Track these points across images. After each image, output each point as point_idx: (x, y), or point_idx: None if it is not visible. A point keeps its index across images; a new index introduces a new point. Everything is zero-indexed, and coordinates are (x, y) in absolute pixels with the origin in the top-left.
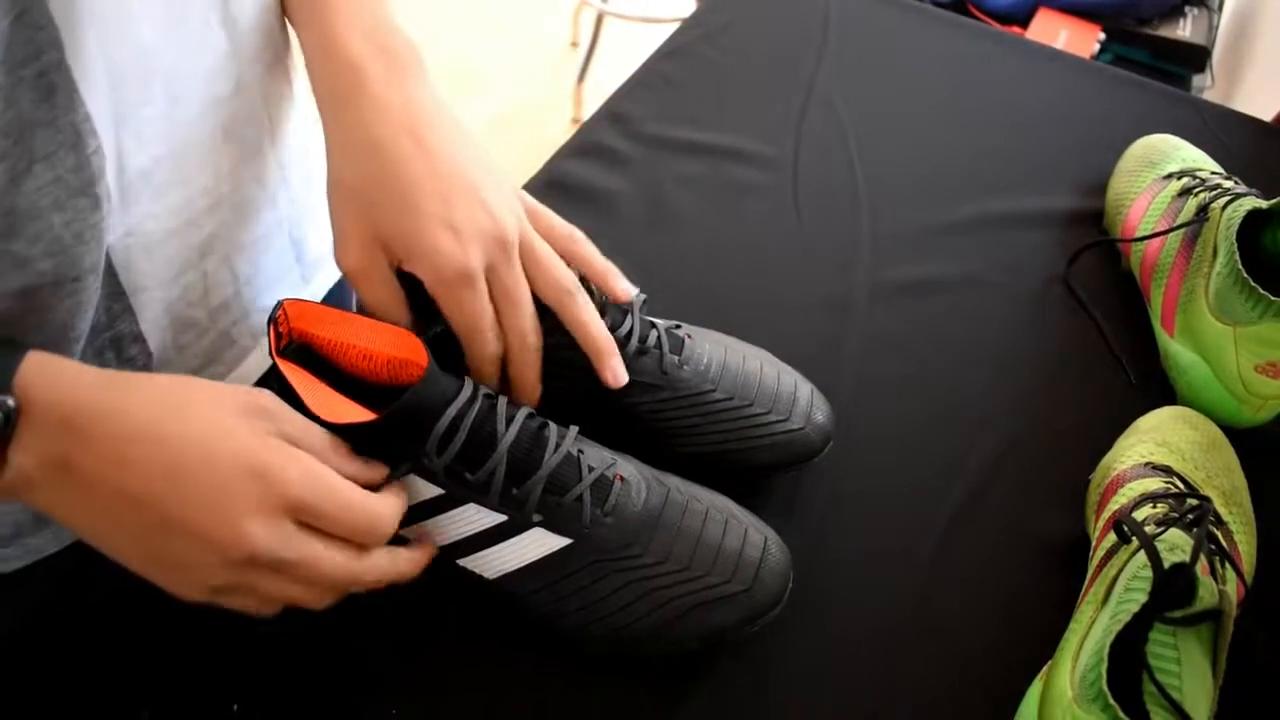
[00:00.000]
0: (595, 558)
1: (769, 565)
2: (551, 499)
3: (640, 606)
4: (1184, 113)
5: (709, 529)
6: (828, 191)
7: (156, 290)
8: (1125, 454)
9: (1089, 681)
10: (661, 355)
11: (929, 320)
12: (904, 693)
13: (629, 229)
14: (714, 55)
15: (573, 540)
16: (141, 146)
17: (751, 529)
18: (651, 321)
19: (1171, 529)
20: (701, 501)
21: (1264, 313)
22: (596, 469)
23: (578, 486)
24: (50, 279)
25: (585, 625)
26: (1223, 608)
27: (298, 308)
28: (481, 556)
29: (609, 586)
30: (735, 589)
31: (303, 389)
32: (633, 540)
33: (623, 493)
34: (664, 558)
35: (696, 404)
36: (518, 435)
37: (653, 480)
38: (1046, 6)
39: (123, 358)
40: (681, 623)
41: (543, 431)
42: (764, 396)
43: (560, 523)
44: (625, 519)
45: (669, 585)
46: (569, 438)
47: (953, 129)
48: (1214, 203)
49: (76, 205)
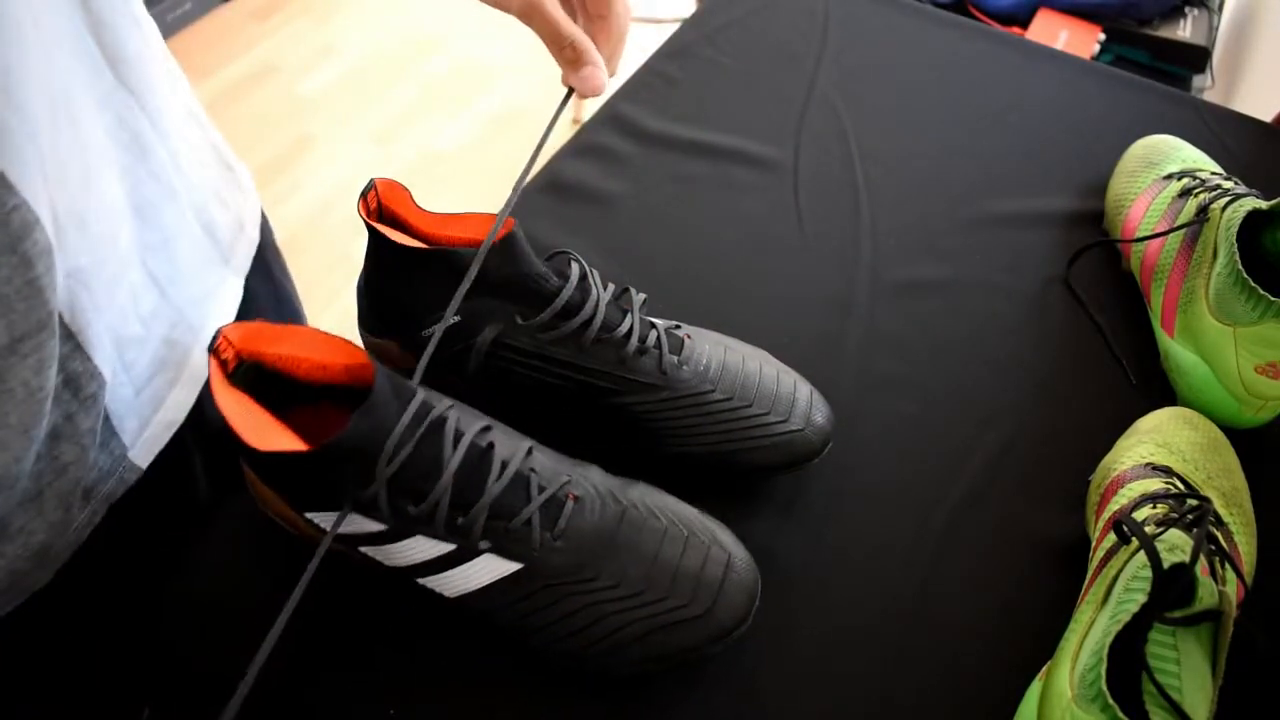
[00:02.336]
0: (547, 582)
1: (732, 583)
2: (498, 524)
3: (597, 630)
4: (1184, 113)
5: (666, 549)
6: (828, 191)
7: (98, 321)
8: (1125, 454)
9: (1088, 681)
10: (661, 355)
11: (929, 320)
12: (903, 692)
13: (629, 229)
14: (714, 55)
15: (523, 564)
16: (65, 185)
17: (715, 546)
18: (651, 321)
19: (1171, 529)
20: (661, 519)
21: (1264, 313)
22: (548, 489)
23: (526, 509)
24: (3, 341)
25: (548, 645)
26: (1222, 608)
27: (238, 331)
28: (439, 579)
29: (564, 609)
30: (694, 612)
31: (238, 419)
32: (585, 563)
33: (575, 513)
34: (617, 581)
35: (696, 404)
36: (463, 461)
37: (609, 497)
38: (1046, 7)
39: (80, 396)
40: (641, 645)
41: (489, 453)
42: (763, 397)
43: (509, 547)
44: (577, 541)
45: (624, 610)
46: (518, 456)
47: (953, 129)
48: (1214, 203)
49: (9, 263)
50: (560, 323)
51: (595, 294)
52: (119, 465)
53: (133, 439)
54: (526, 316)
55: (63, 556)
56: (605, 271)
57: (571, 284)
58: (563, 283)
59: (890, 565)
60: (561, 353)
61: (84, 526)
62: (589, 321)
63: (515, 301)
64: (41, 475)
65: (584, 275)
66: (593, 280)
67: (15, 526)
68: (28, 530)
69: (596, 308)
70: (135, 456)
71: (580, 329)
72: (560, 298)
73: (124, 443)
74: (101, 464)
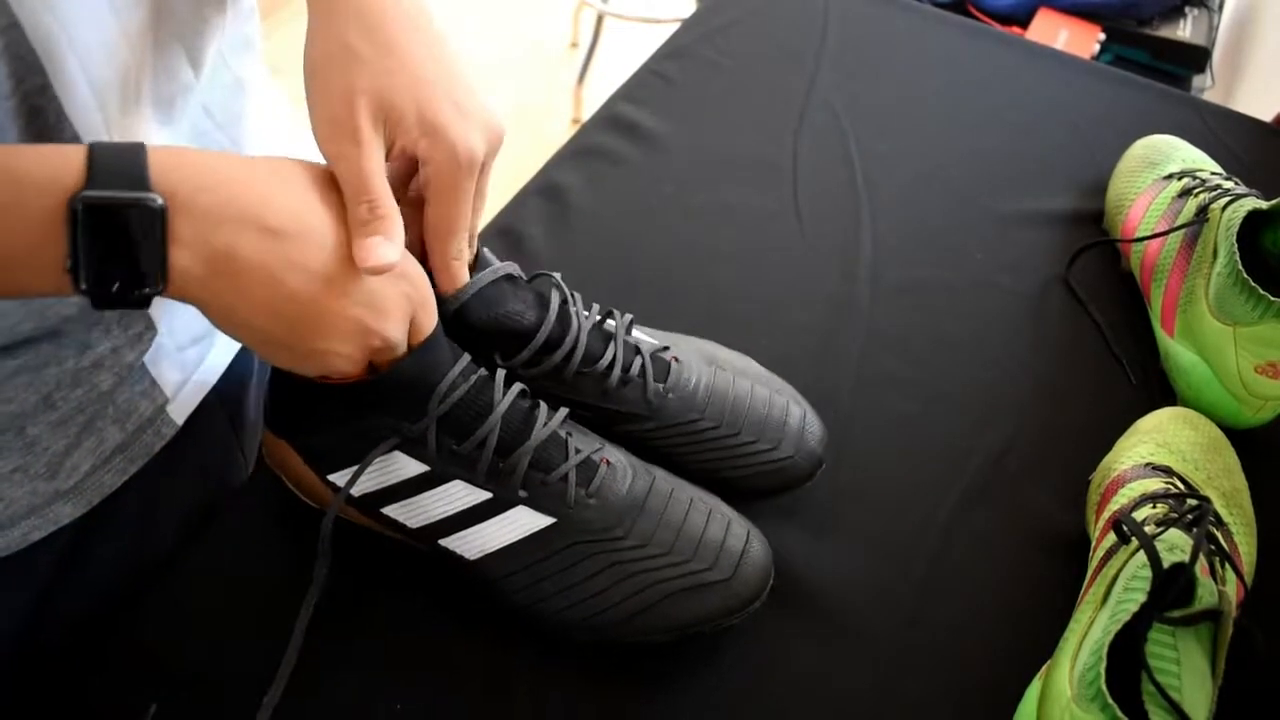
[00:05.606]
0: (577, 538)
1: (750, 558)
2: (536, 475)
3: (616, 593)
4: (1184, 113)
5: (692, 517)
6: (828, 192)
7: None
8: (1125, 454)
9: (1088, 681)
10: (645, 385)
11: (929, 320)
12: (903, 691)
13: (628, 230)
14: (714, 56)
15: (556, 520)
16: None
17: (735, 522)
18: (636, 346)
19: (1171, 529)
20: (686, 492)
21: (1264, 313)
22: (583, 451)
23: (564, 466)
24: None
25: (560, 610)
26: (1222, 608)
27: None
28: (463, 536)
29: (587, 570)
30: (716, 577)
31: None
32: (615, 523)
33: (608, 476)
34: (646, 541)
35: (682, 433)
36: (510, 406)
37: (639, 468)
38: (1046, 6)
39: (129, 332)
40: (658, 610)
41: (533, 410)
42: (752, 424)
43: (544, 501)
44: (609, 502)
45: (649, 570)
46: (557, 418)
47: (953, 129)
48: (1214, 203)
49: None
50: (541, 358)
51: (576, 324)
52: (158, 416)
53: (173, 392)
54: (507, 356)
55: (92, 499)
56: (604, 274)
57: (551, 316)
58: (542, 314)
59: (890, 563)
60: (546, 384)
61: (118, 473)
62: (569, 355)
63: (492, 346)
64: (83, 404)
65: (565, 302)
66: (573, 308)
67: (42, 445)
68: (52, 450)
69: (577, 340)
70: (173, 411)
71: (561, 364)
72: (540, 334)
73: (165, 394)
74: (143, 409)
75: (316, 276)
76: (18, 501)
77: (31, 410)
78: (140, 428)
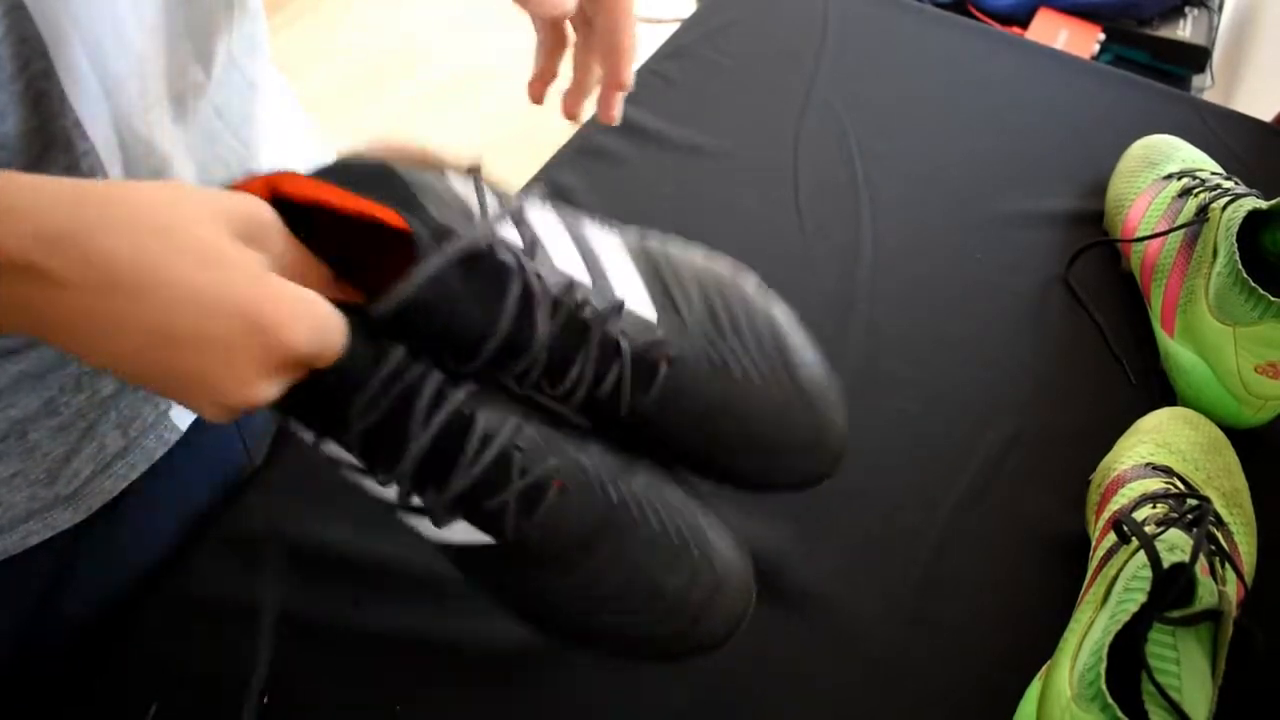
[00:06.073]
0: (516, 563)
1: (716, 608)
2: (472, 500)
3: (551, 622)
4: (1184, 113)
5: (656, 557)
6: (828, 191)
7: None
8: (1126, 454)
9: (1088, 681)
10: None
11: (929, 320)
12: (903, 691)
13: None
14: (714, 55)
15: (495, 542)
16: (152, 150)
17: (706, 566)
18: (616, 344)
19: (1171, 529)
20: (653, 522)
21: (1264, 313)
22: (531, 474)
23: (504, 493)
24: None
25: (517, 610)
26: (1222, 608)
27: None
28: (416, 519)
29: (531, 587)
30: (664, 631)
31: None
32: (558, 556)
33: (558, 504)
34: (591, 581)
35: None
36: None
37: (607, 483)
38: (1046, 6)
39: None
40: (598, 641)
41: (468, 432)
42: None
43: (482, 522)
44: (553, 534)
45: (589, 613)
46: (503, 435)
47: (953, 129)
48: (1214, 203)
49: None
50: (493, 370)
51: (540, 329)
52: (161, 421)
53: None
54: (458, 361)
55: (92, 505)
56: None
57: (504, 323)
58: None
59: (890, 563)
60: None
61: (119, 478)
62: (526, 372)
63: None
64: (84, 409)
65: (526, 294)
66: (538, 303)
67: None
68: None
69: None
70: (175, 415)
71: (520, 376)
72: (490, 342)
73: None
74: (145, 415)
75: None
76: (17, 506)
77: (33, 415)
78: (142, 433)
